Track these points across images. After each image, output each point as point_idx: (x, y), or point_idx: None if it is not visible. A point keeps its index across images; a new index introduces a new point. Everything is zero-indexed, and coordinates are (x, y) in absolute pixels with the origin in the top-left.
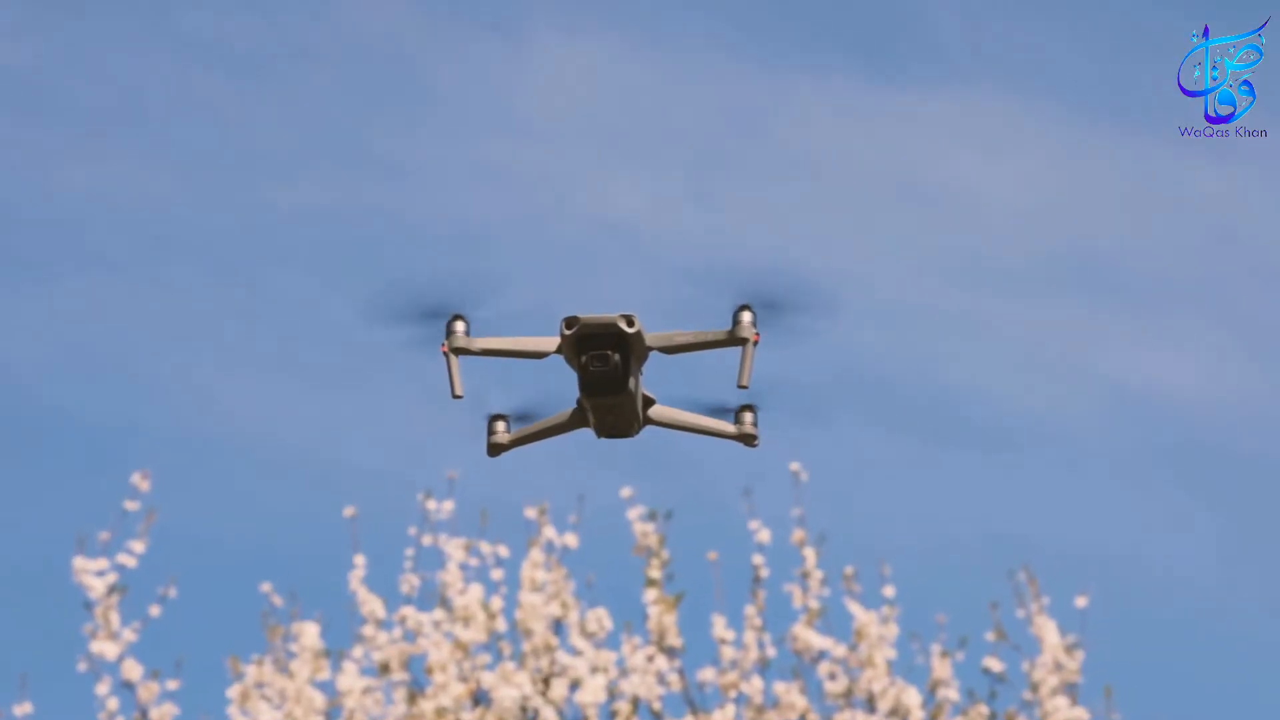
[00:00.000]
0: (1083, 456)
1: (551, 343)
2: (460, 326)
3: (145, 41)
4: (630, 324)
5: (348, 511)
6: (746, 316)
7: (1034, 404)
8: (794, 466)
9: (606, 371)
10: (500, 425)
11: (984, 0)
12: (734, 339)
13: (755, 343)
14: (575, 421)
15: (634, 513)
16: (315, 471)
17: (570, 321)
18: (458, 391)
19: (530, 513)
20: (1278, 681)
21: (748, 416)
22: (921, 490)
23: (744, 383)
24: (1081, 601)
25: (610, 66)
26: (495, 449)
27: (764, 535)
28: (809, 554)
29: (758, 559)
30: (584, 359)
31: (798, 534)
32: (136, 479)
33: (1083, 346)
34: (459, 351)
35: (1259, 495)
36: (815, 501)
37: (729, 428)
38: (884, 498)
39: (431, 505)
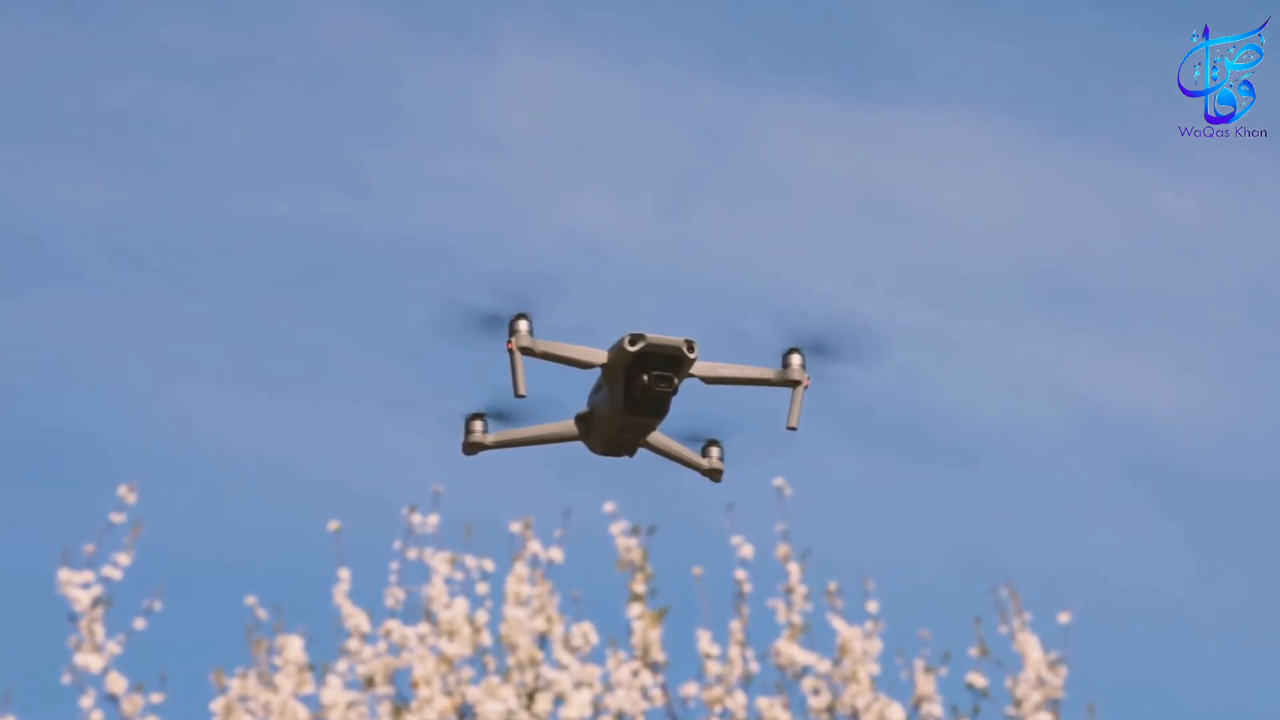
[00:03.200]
0: (1051, 472)
1: (601, 355)
2: (524, 325)
3: (113, 53)
4: (691, 350)
5: (332, 525)
6: (796, 359)
7: (1003, 420)
8: (777, 481)
9: (667, 393)
10: (478, 425)
11: (953, 17)
12: (785, 380)
13: (806, 387)
14: (574, 433)
15: (617, 528)
16: (297, 485)
17: (635, 338)
18: (521, 391)
19: (515, 527)
20: (1244, 697)
21: (714, 451)
22: (894, 506)
23: (793, 424)
24: (1064, 617)
25: (579, 82)
26: (473, 448)
27: (746, 550)
28: (793, 569)
29: (741, 574)
30: (647, 377)
31: (781, 549)
32: (122, 491)
33: (1052, 363)
34: (524, 351)
35: (1226, 512)
36: (791, 517)
37: (701, 461)
38: (857, 513)
39: (416, 519)
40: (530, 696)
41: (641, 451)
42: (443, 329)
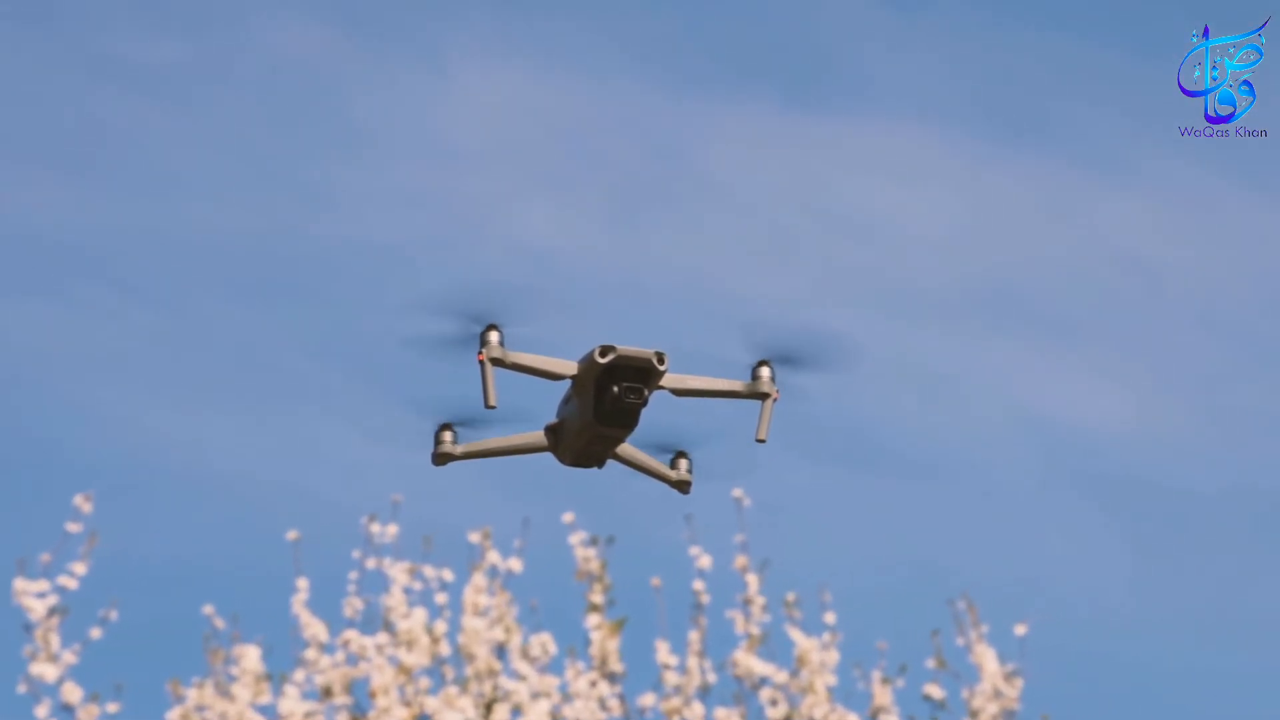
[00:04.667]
0: (1001, 485)
1: (571, 367)
2: (495, 337)
3: (64, 62)
4: (661, 362)
5: (290, 535)
6: (766, 372)
7: (953, 433)
8: (736, 492)
9: (637, 405)
10: (448, 435)
11: (902, 31)
12: (754, 393)
13: (775, 399)
14: (543, 444)
15: (576, 538)
16: (254, 495)
17: (606, 350)
18: (491, 401)
19: (474, 537)
20: (1190, 705)
21: (683, 463)
22: (843, 518)
23: (762, 437)
24: (1021, 630)
25: (529, 94)
26: (443, 458)
27: (705, 561)
28: (751, 580)
29: (698, 585)
30: (617, 389)
31: (740, 560)
32: (79, 501)
33: (1001, 376)
34: (495, 362)
35: (1172, 524)
36: (750, 528)
37: (669, 473)
38: (808, 525)
39: (375, 528)
40: (488, 707)
41: (610, 462)
42: (412, 341)
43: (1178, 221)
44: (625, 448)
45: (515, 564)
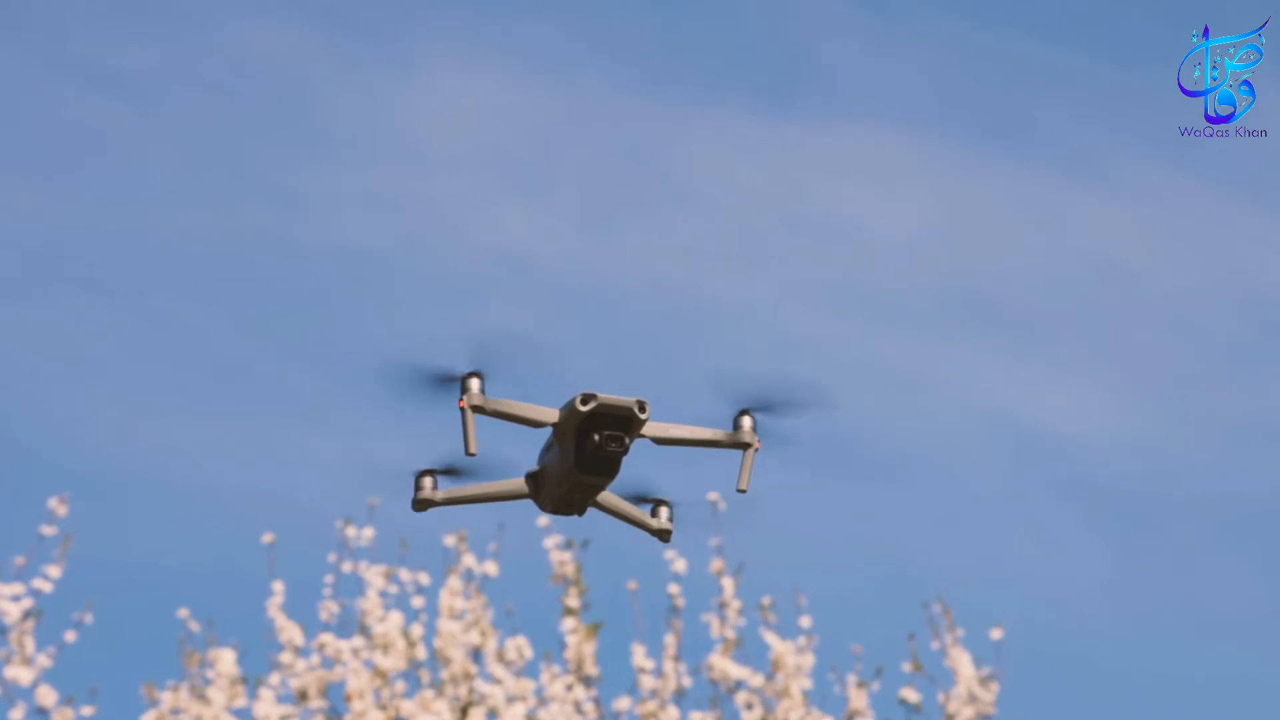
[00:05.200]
0: (971, 488)
1: (552, 414)
2: (476, 384)
3: (34, 65)
4: (643, 410)
5: (266, 538)
6: (748, 422)
7: (923, 436)
8: (712, 496)
9: (618, 453)
10: (428, 481)
11: (876, 34)
12: (735, 443)
13: (757, 449)
14: (524, 491)
15: (550, 541)
16: (229, 498)
17: (587, 398)
18: (472, 449)
19: (450, 540)
20: (1162, 708)
21: (663, 512)
22: (816, 522)
23: (743, 487)
24: (996, 634)
25: (502, 97)
26: (422, 504)
27: (680, 565)
28: (727, 584)
29: (674, 588)
30: (599, 436)
31: (716, 564)
32: (53, 504)
33: (972, 379)
34: (475, 409)
35: (1143, 527)
36: (724, 532)
37: (650, 521)
38: (780, 528)
39: (351, 532)
40: (464, 710)
41: (590, 509)
42: (395, 387)
43: (1150, 225)
44: (606, 495)
45: (491, 567)
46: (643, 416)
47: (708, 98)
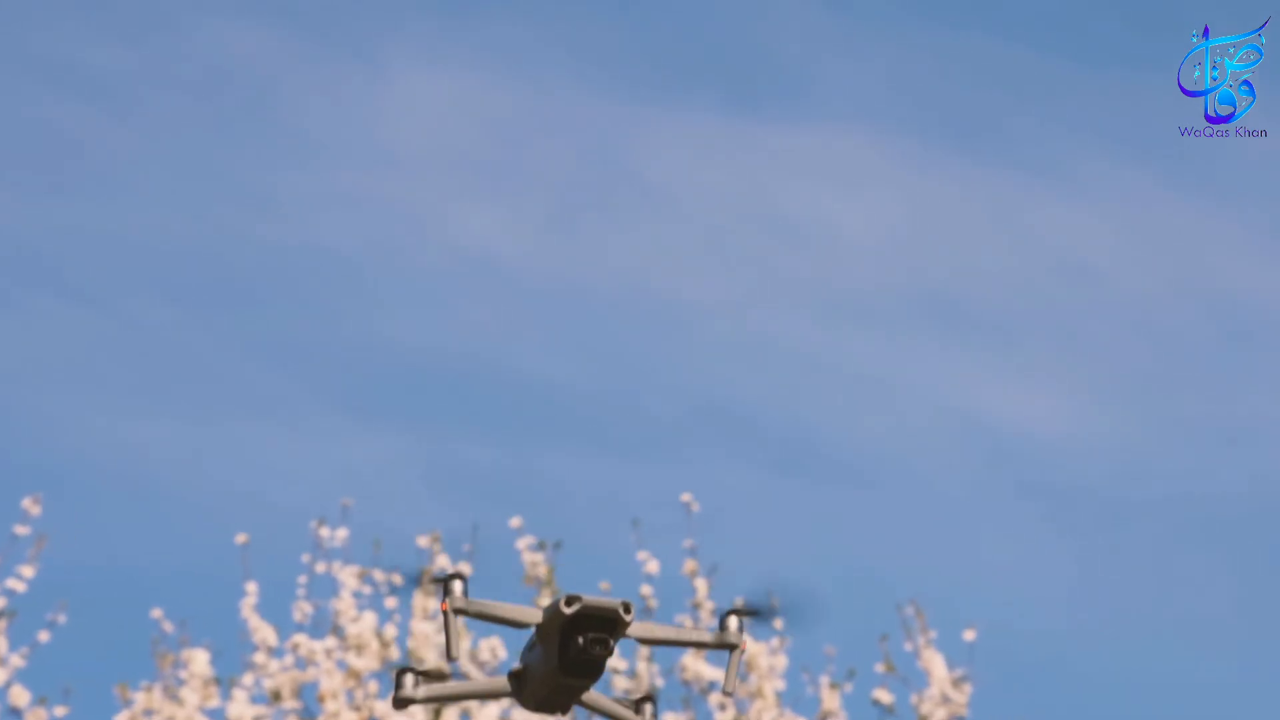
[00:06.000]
0: (939, 491)
1: (536, 615)
2: (459, 587)
3: (4, 67)
4: (628, 611)
5: (240, 538)
6: (734, 622)
7: (891, 438)
8: (685, 497)
9: (603, 655)
10: (409, 679)
11: (845, 36)
12: (722, 644)
13: (743, 651)
14: (506, 689)
15: (523, 543)
16: (201, 499)
17: (571, 599)
18: (454, 654)
19: (423, 541)
20: (1137, 714)
21: (648, 708)
22: (783, 523)
23: (729, 690)
24: (969, 635)
25: (470, 98)
26: (402, 703)
27: (652, 566)
28: (700, 585)
29: (647, 589)
30: (582, 639)
31: (689, 565)
32: (27, 504)
33: (940, 382)
34: (458, 612)
35: (1113, 532)
36: (680, 531)
37: (635, 719)
38: (748, 529)
39: (325, 533)
40: (437, 711)
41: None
42: (387, 585)
43: (1118, 227)
44: (590, 693)
45: (465, 568)
46: (627, 618)
47: (675, 99)
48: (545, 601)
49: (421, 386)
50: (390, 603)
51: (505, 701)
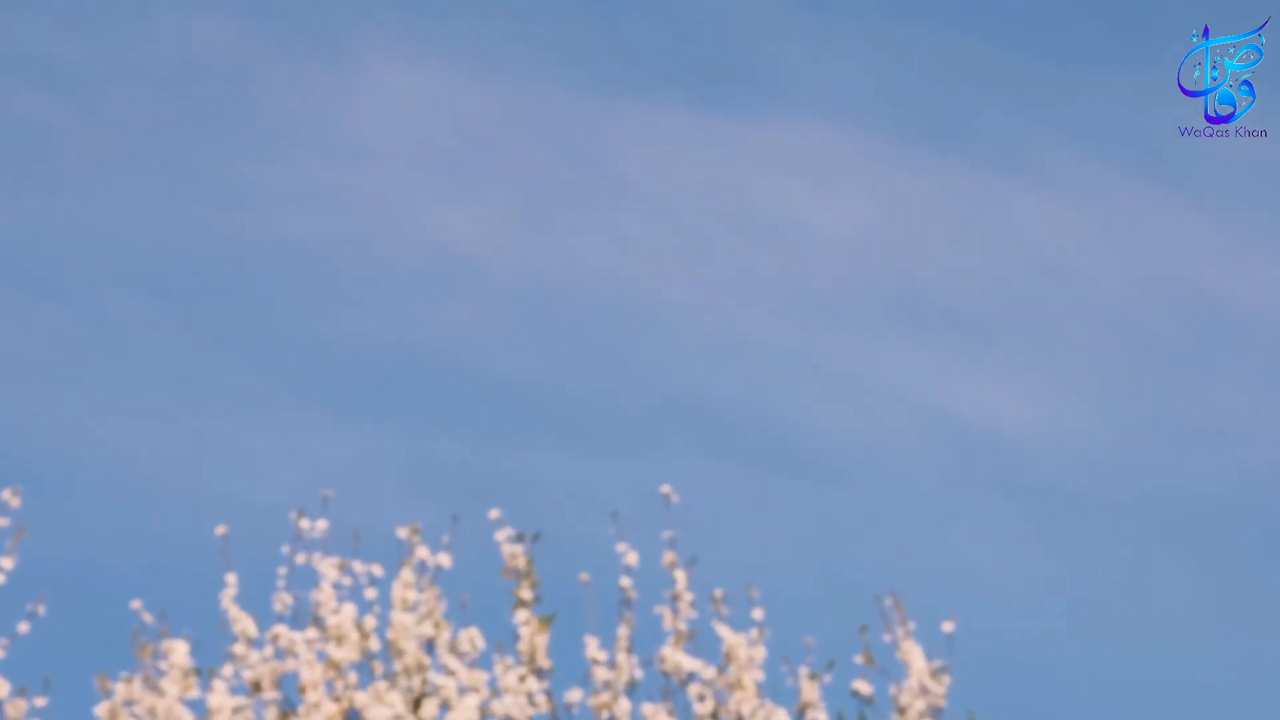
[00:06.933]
0: (911, 489)
1: None
2: None
3: None
4: None
5: (219, 530)
6: None
7: (862, 435)
8: (664, 489)
9: None
10: None
11: (817, 32)
12: None
13: None
14: None
15: (502, 534)
16: (179, 491)
17: None
18: None
19: (403, 532)
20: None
21: None
22: (755, 518)
23: None
24: (948, 626)
25: (442, 93)
26: None
27: (632, 558)
28: (679, 576)
29: (626, 581)
30: None
31: (668, 557)
32: (7, 495)
33: (911, 379)
34: None
35: (1085, 528)
36: (651, 527)
37: None
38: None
39: (305, 524)
40: (417, 701)
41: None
42: None
43: (1092, 224)
44: None
45: (444, 559)
46: None
47: (647, 95)
48: (525, 594)
49: (395, 383)
50: (370, 594)
51: (485, 693)
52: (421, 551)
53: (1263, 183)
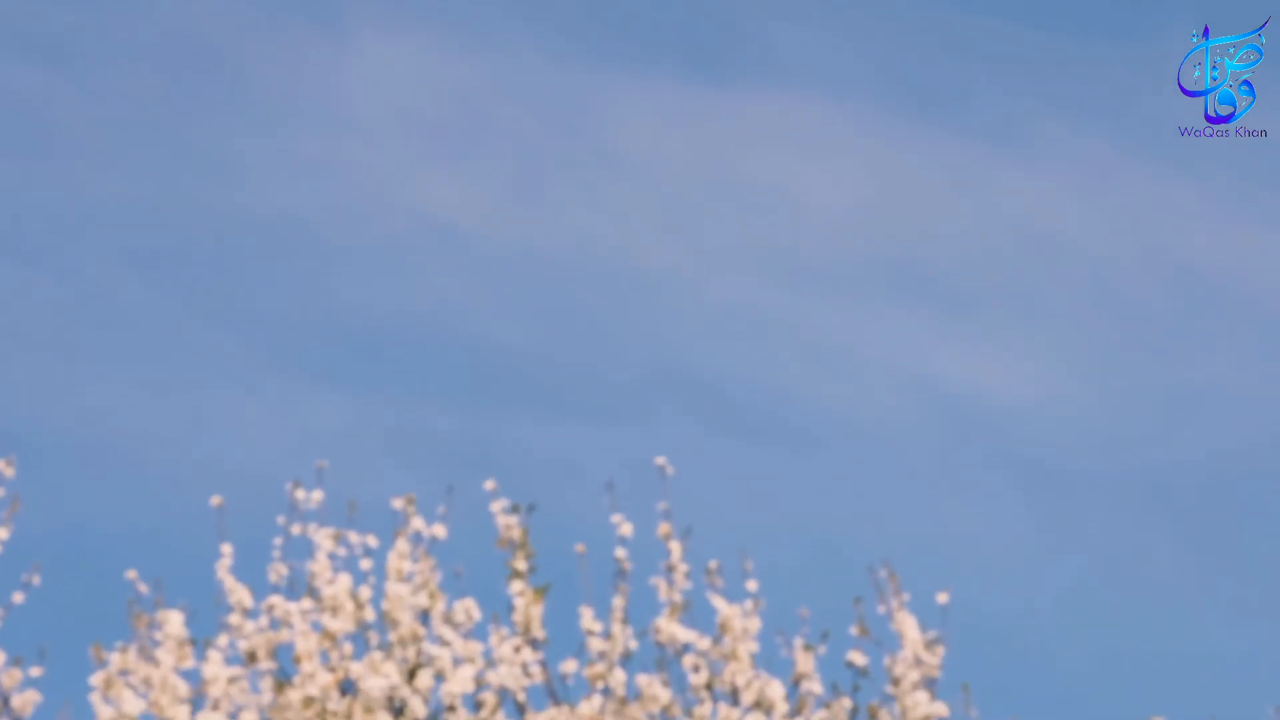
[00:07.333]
0: (900, 459)
1: None
2: None
3: None
4: None
5: (215, 500)
6: None
7: (851, 406)
8: (659, 460)
9: None
10: None
11: (807, 3)
12: None
13: None
14: None
15: (497, 505)
16: (174, 462)
17: None
18: None
19: (398, 503)
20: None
21: None
22: (748, 488)
23: None
24: (942, 597)
25: (432, 64)
26: None
27: (626, 529)
28: (674, 547)
29: (620, 552)
30: None
31: (663, 528)
32: (1, 465)
33: (901, 349)
34: None
35: (1074, 498)
36: (641, 499)
37: None
38: (712, 494)
39: (300, 495)
40: (412, 672)
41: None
42: None
43: (1080, 197)
44: None
45: (439, 530)
46: None
47: (638, 66)
48: (520, 565)
49: (385, 353)
50: (365, 565)
51: (480, 664)
52: (416, 522)
53: (1253, 158)
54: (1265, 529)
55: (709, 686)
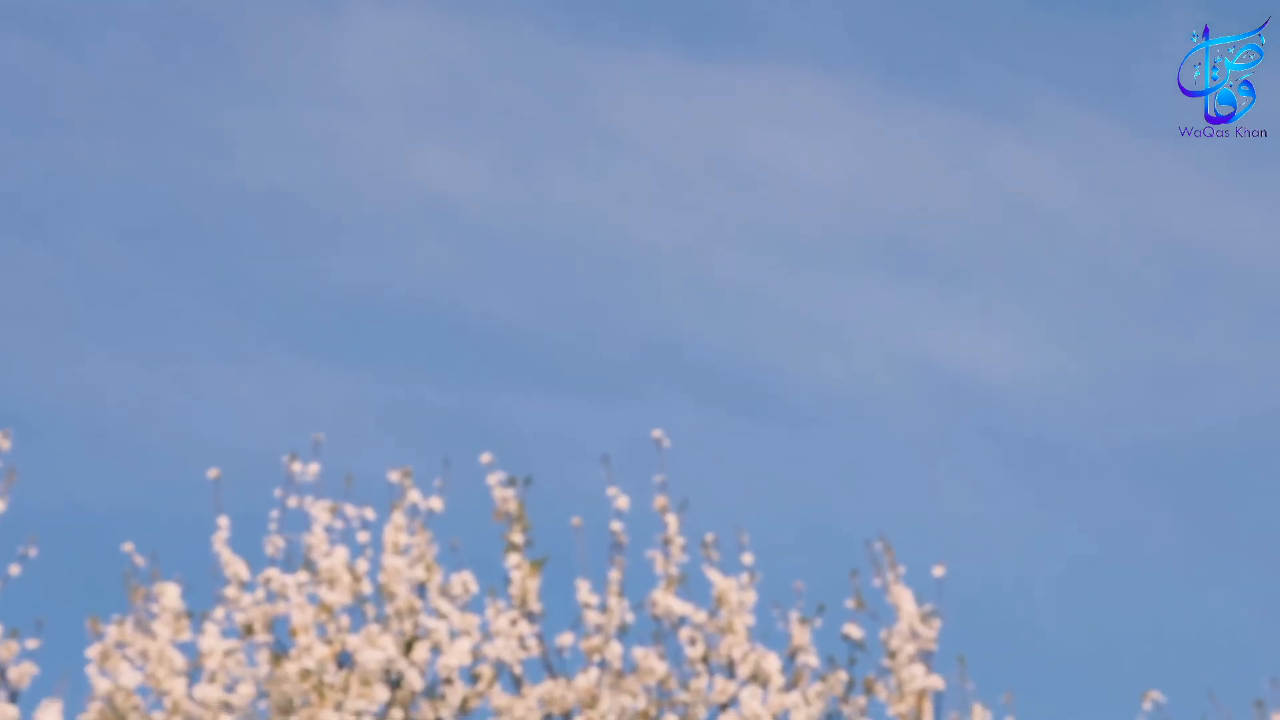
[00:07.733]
0: (892, 434)
1: None
2: None
3: None
4: None
5: (212, 473)
6: None
7: (843, 381)
8: (656, 433)
9: None
10: None
11: None
12: None
13: None
14: None
15: (493, 478)
16: (171, 436)
17: None
18: None
19: (394, 476)
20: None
21: None
22: (742, 463)
23: None
24: (938, 571)
25: (426, 38)
26: None
27: (623, 502)
28: (670, 521)
29: (617, 525)
30: None
31: (659, 501)
32: None
33: (893, 324)
34: None
35: (1068, 473)
36: (637, 473)
37: None
38: (707, 468)
39: (297, 467)
40: (409, 645)
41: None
42: None
43: (1073, 170)
44: None
45: (436, 503)
46: None
47: (632, 41)
48: (516, 538)
49: (379, 327)
50: (362, 538)
51: (477, 637)
52: (413, 495)
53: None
54: (1260, 503)
55: (705, 659)
